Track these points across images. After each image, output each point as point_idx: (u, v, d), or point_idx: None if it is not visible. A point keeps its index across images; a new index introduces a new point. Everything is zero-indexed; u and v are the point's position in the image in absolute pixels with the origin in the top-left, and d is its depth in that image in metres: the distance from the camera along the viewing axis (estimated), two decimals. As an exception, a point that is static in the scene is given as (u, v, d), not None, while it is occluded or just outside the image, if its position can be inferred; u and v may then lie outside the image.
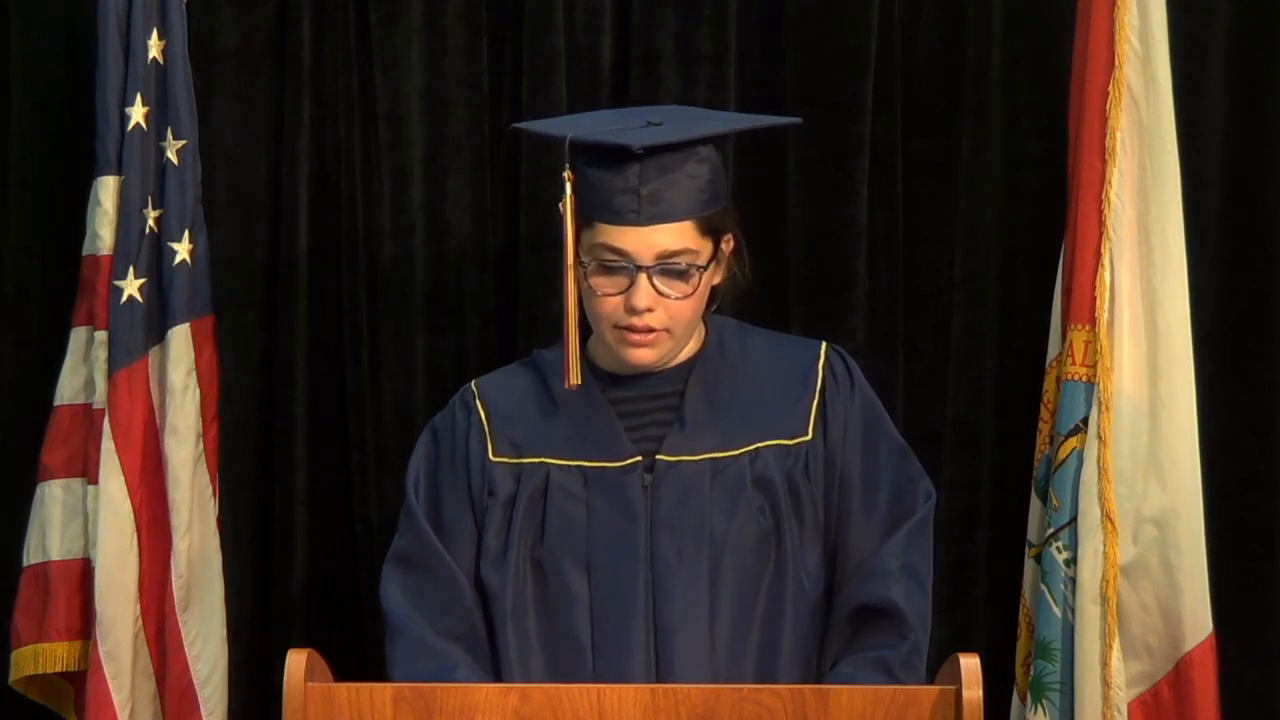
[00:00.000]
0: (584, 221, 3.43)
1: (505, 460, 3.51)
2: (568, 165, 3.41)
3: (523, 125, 3.74)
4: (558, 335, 4.10)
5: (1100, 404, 3.91)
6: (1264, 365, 4.18)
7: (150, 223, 4.00)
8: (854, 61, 4.17)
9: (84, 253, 4.03)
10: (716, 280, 3.51)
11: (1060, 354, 3.98)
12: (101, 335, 4.00)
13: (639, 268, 3.41)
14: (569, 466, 3.49)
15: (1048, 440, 3.99)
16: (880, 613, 3.45)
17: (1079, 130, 3.96)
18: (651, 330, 3.43)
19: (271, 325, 4.21)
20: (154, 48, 4.00)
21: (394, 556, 3.54)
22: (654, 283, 3.41)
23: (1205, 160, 4.16)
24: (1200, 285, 4.05)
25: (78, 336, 4.04)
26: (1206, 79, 4.18)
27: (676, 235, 3.42)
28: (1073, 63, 3.99)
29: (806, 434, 3.50)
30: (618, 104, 4.19)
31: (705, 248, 3.45)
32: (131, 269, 3.98)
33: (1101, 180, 3.93)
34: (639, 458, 3.48)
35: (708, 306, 3.52)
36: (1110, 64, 3.93)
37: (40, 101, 4.22)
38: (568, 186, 3.41)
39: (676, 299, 3.43)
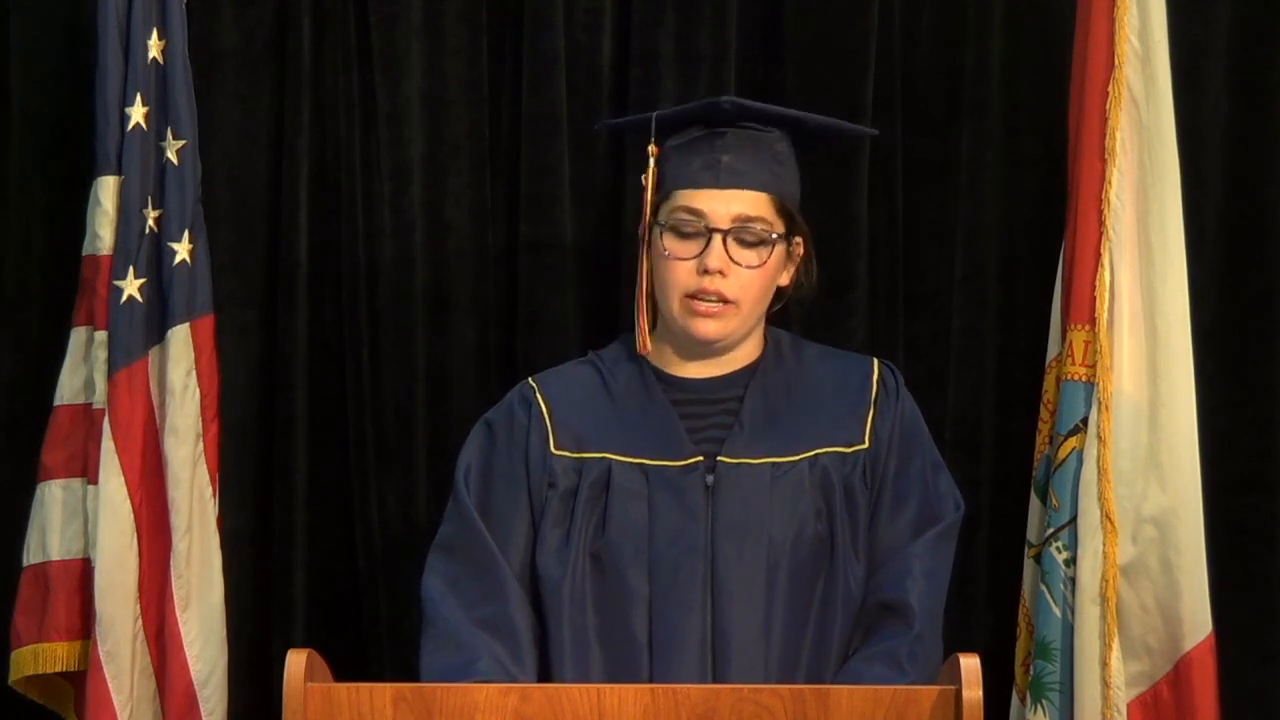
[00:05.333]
0: (663, 196, 3.51)
1: (566, 454, 3.53)
2: (653, 140, 3.49)
3: (612, 122, 3.86)
4: (558, 335, 4.13)
5: (1100, 404, 3.91)
6: (1264, 365, 4.19)
7: (150, 223, 4.00)
8: (854, 61, 4.17)
9: (84, 253, 4.03)
10: (784, 281, 3.56)
11: (1060, 354, 3.97)
12: (101, 335, 4.00)
13: (714, 230, 3.47)
14: (630, 463, 3.51)
15: (1047, 440, 3.99)
16: (893, 610, 3.49)
17: (1079, 130, 3.96)
18: (721, 301, 3.46)
19: (271, 325, 4.22)
20: (154, 48, 4.00)
21: (438, 545, 3.55)
22: (727, 247, 3.46)
23: (1205, 160, 4.16)
24: (1200, 285, 4.05)
25: (78, 336, 4.04)
26: (1206, 79, 4.18)
27: (752, 203, 3.50)
28: (1073, 63, 3.99)
29: (863, 442, 3.55)
30: (618, 104, 4.20)
31: (779, 225, 3.52)
32: (131, 269, 3.98)
33: (1101, 180, 3.93)
34: (700, 458, 3.51)
35: (770, 307, 3.56)
36: (1110, 64, 3.93)
37: (40, 101, 4.22)
38: (651, 161, 3.49)
39: (748, 268, 3.48)
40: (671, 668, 3.44)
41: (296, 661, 3.07)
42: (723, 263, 3.47)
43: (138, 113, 3.99)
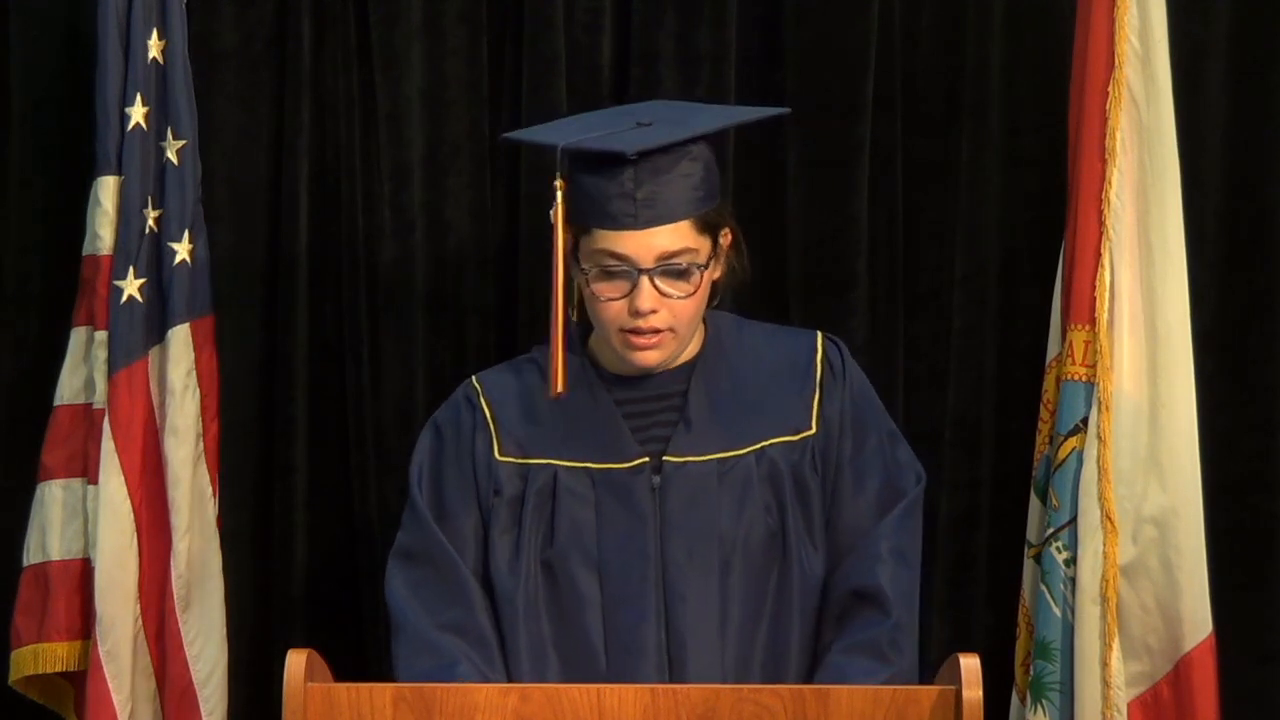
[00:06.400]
0: (581, 229, 3.44)
1: (511, 460, 3.51)
2: (558, 174, 3.42)
3: (511, 135, 3.77)
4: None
5: (1100, 404, 3.91)
6: (1264, 365, 4.19)
7: (150, 223, 4.00)
8: (854, 62, 4.17)
9: (84, 253, 4.03)
10: (716, 276, 3.52)
11: (1060, 354, 3.98)
12: (101, 335, 4.00)
13: (640, 271, 3.41)
14: (576, 468, 3.49)
15: (1047, 440, 3.99)
16: (866, 597, 3.46)
17: (1079, 130, 3.96)
18: (657, 332, 3.44)
19: (271, 325, 4.22)
20: (154, 48, 4.00)
21: (398, 551, 3.54)
22: (656, 284, 3.42)
23: (1205, 160, 4.16)
24: (1200, 285, 4.05)
25: (78, 336, 4.04)
26: (1206, 79, 4.18)
27: (675, 236, 3.43)
28: (1073, 63, 3.99)
29: (810, 428, 3.52)
30: (618, 104, 4.19)
31: (704, 245, 3.46)
32: (131, 269, 3.98)
33: (1101, 180, 3.93)
34: (646, 459, 3.49)
35: (709, 302, 3.53)
36: (1110, 64, 3.93)
37: (40, 101, 4.22)
38: (558, 195, 3.43)
39: (679, 298, 3.44)
40: (628, 672, 3.42)
41: (296, 661, 3.07)
42: (654, 301, 3.42)
43: (138, 113, 3.99)
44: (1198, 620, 3.90)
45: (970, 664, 3.03)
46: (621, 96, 4.19)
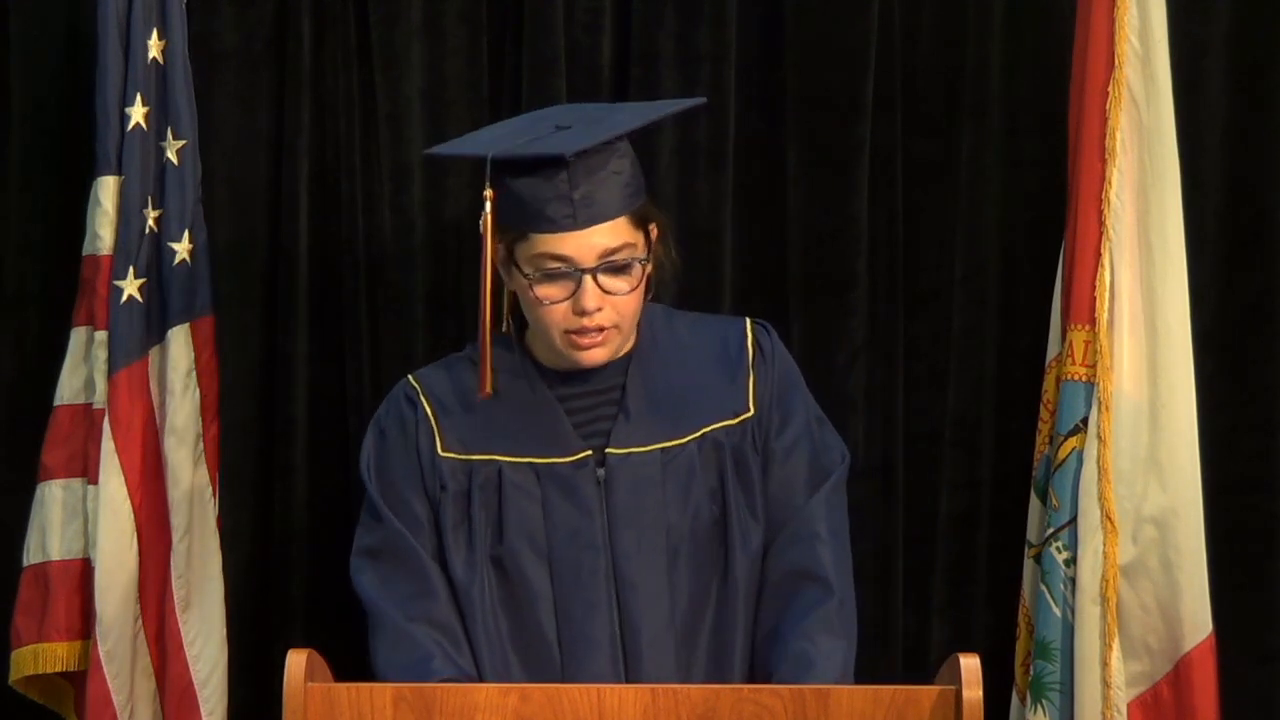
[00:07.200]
0: (519, 235, 3.48)
1: (455, 456, 3.54)
2: (488, 183, 3.45)
3: (436, 150, 3.80)
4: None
5: (1100, 404, 3.91)
6: (1264, 365, 4.18)
7: (150, 223, 4.00)
8: (854, 61, 4.17)
9: (84, 253, 4.03)
10: (649, 270, 3.56)
11: (1060, 354, 3.98)
12: (101, 335, 4.00)
13: (583, 270, 3.45)
14: (519, 463, 3.52)
15: (1047, 440, 3.99)
16: (810, 576, 3.50)
17: (1079, 130, 3.96)
18: (601, 329, 3.47)
19: (271, 325, 4.21)
20: (154, 48, 4.00)
21: (361, 550, 3.58)
22: (599, 282, 3.46)
23: (1205, 160, 4.16)
24: (1200, 285, 4.06)
25: (78, 336, 4.04)
26: (1206, 79, 4.18)
27: (613, 233, 3.47)
28: (1073, 63, 3.99)
29: (749, 409, 3.56)
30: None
31: (640, 240, 3.51)
32: (131, 269, 3.98)
33: (1101, 180, 3.94)
34: (589, 452, 3.52)
35: (645, 297, 3.56)
36: (1110, 64, 3.94)
37: (40, 101, 4.22)
38: (488, 204, 3.45)
39: (622, 294, 3.47)
40: (582, 665, 3.46)
41: (296, 661, 3.07)
42: (598, 300, 3.45)
43: (138, 113, 3.99)
44: (1198, 620, 3.90)
45: (970, 664, 3.04)
46: (622, 96, 4.19)
